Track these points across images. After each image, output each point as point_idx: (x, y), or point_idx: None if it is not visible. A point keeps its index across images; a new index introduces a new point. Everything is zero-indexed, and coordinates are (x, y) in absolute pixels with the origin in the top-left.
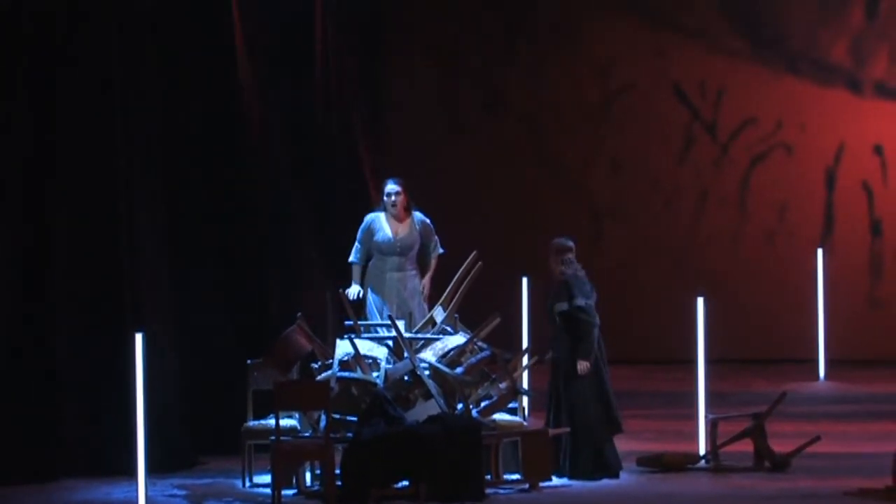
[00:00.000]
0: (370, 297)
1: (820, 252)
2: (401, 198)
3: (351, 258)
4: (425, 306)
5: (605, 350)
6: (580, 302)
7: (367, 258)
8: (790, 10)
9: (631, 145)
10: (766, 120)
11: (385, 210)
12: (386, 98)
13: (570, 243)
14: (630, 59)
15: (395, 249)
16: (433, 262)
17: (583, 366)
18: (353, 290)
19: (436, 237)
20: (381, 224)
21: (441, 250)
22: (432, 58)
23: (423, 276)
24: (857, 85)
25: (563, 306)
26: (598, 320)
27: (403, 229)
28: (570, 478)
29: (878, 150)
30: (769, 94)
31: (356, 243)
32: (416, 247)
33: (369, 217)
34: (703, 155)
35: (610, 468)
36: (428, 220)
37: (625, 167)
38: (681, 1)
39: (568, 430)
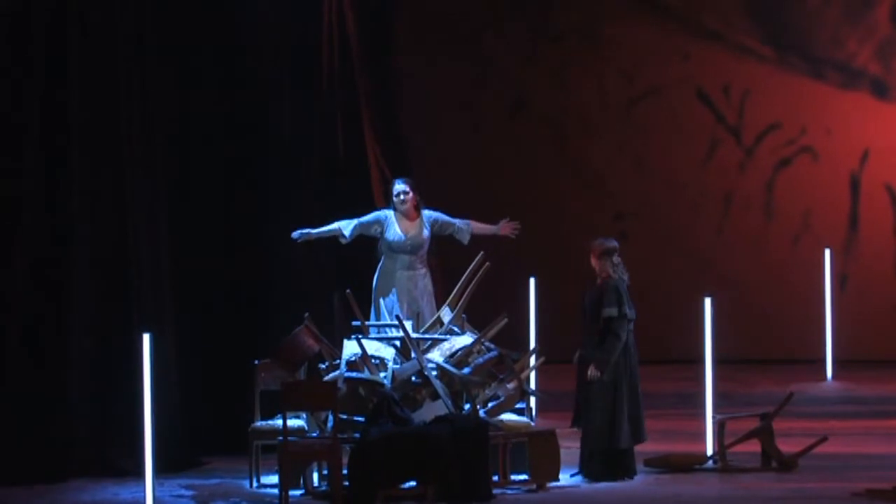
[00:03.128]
0: (379, 298)
1: (828, 252)
2: (409, 196)
3: (339, 223)
4: (435, 306)
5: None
6: (628, 312)
7: (355, 237)
8: (815, 14)
9: (655, 148)
10: (790, 124)
11: (395, 209)
12: (408, 100)
13: (617, 244)
14: (655, 62)
15: (405, 247)
16: (479, 228)
17: (594, 372)
18: (302, 231)
19: (454, 220)
20: (392, 222)
21: (467, 223)
22: (456, 60)
23: (433, 274)
24: (882, 89)
25: (613, 311)
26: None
27: (414, 228)
28: (582, 477)
29: None
30: (794, 98)
31: (355, 219)
32: (426, 246)
33: (382, 212)
34: (728, 158)
35: (619, 473)
36: (436, 213)
37: (649, 169)
38: (705, 4)
39: (575, 430)
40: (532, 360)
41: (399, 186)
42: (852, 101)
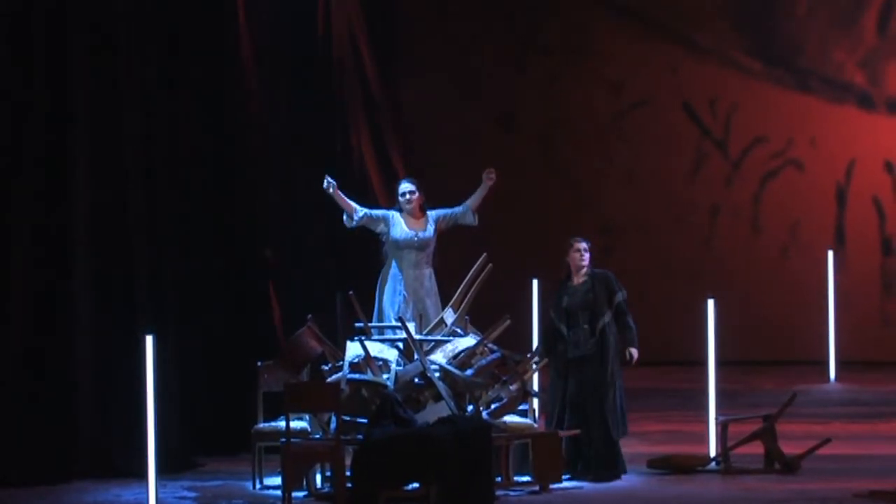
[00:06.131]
0: (384, 299)
1: (831, 254)
2: (415, 196)
3: (356, 204)
4: (440, 305)
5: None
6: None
7: (359, 225)
8: (801, 28)
9: (643, 160)
10: (777, 137)
11: (401, 210)
12: (399, 112)
13: None
14: (642, 74)
15: (413, 244)
16: (476, 202)
17: (637, 355)
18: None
19: (453, 209)
20: (398, 221)
21: (465, 205)
22: (446, 73)
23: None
24: (868, 101)
25: (623, 294)
26: None
27: (420, 226)
28: (594, 480)
29: (888, 166)
30: (780, 111)
31: (366, 208)
32: (433, 245)
33: (388, 211)
34: (715, 171)
35: (622, 467)
36: (438, 210)
37: (637, 182)
38: (693, 18)
39: (578, 431)
40: (535, 362)
41: (405, 186)
42: (838, 114)
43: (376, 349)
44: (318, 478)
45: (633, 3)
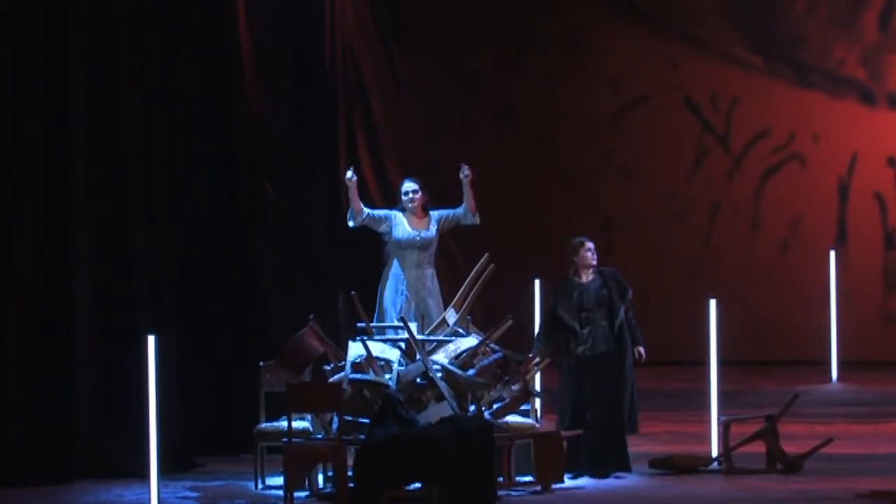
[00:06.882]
0: (386, 299)
1: (833, 254)
2: (418, 195)
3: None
4: (442, 306)
5: None
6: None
7: (361, 225)
8: (803, 23)
9: (643, 157)
10: (778, 132)
11: (403, 210)
12: (398, 109)
13: None
14: (642, 71)
15: (415, 243)
16: (471, 201)
17: (645, 352)
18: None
19: (456, 209)
20: (400, 221)
21: (462, 206)
22: (444, 70)
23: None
24: (869, 96)
25: (631, 293)
26: None
27: (423, 226)
28: (596, 476)
29: (891, 161)
30: (782, 106)
31: (369, 208)
32: (435, 245)
33: (391, 211)
34: (716, 167)
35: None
36: (440, 211)
37: (637, 179)
38: (693, 13)
39: (580, 432)
40: (536, 363)
41: (408, 185)
42: (840, 109)
43: (378, 349)
44: (320, 478)
45: (632, 0)
